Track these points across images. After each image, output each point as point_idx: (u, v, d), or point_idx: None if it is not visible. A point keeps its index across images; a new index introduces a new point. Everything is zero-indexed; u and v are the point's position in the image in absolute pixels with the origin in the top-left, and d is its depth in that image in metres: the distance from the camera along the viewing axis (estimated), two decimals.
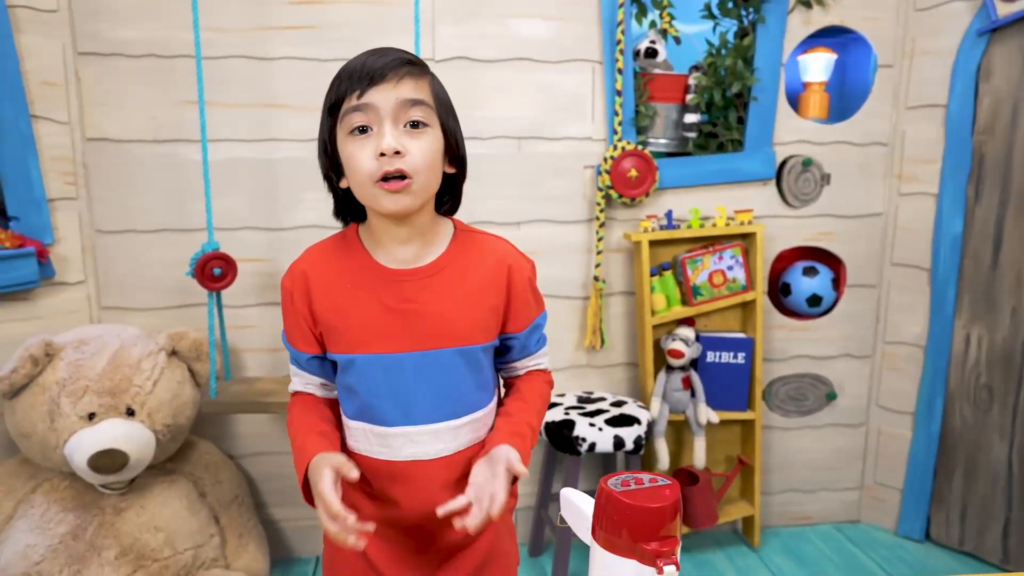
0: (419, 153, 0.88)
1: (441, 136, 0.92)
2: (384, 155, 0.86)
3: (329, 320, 0.95)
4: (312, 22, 1.80)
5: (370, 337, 0.93)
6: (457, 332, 0.94)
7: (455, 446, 0.97)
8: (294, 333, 0.99)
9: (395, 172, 0.86)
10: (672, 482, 0.57)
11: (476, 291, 0.96)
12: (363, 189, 0.89)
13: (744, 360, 2.00)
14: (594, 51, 1.93)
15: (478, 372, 0.98)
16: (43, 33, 1.71)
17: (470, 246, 0.99)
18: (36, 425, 1.54)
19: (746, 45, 1.96)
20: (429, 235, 0.96)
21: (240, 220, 1.86)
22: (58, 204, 1.76)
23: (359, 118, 0.87)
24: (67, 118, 1.76)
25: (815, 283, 2.09)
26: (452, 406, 0.96)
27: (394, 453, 0.96)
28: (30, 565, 1.49)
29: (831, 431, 2.22)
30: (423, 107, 0.89)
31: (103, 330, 1.68)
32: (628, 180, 1.92)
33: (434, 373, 0.94)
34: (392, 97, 0.86)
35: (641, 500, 0.54)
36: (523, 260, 1.02)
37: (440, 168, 0.93)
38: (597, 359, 2.08)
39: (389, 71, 0.87)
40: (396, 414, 0.94)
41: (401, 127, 0.87)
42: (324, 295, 0.95)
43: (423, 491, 0.96)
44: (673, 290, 1.99)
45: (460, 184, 1.00)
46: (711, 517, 2.01)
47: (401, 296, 0.93)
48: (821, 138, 2.06)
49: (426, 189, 0.91)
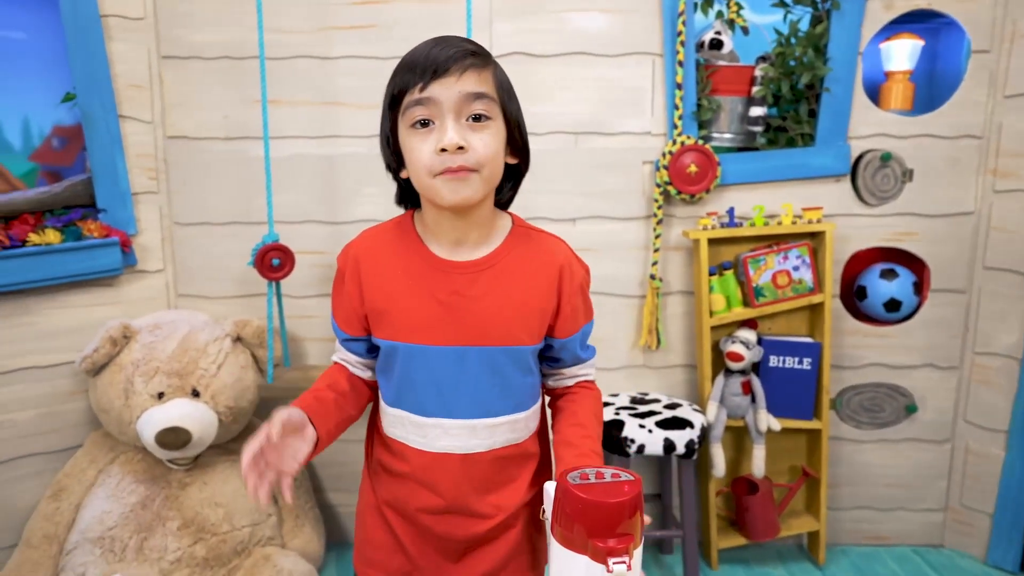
0: (482, 147, 0.87)
1: (504, 128, 0.91)
2: (445, 151, 0.85)
3: (377, 304, 0.95)
4: (371, 21, 1.85)
5: (415, 326, 0.93)
6: (503, 331, 0.93)
7: (490, 444, 0.96)
8: (340, 313, 1.00)
9: (457, 168, 0.85)
10: (635, 478, 0.55)
11: (527, 291, 0.94)
12: (423, 182, 0.89)
13: (810, 366, 1.90)
14: (654, 44, 1.88)
15: (522, 374, 0.97)
16: (131, 39, 1.84)
17: (526, 243, 0.97)
18: (113, 401, 1.66)
19: (818, 33, 1.85)
20: (486, 229, 0.95)
21: (303, 214, 1.93)
22: (141, 197, 1.89)
23: (421, 112, 0.86)
24: (151, 118, 1.89)
25: (894, 287, 1.95)
26: (491, 404, 0.95)
27: (429, 443, 0.95)
28: (104, 529, 1.61)
29: (911, 446, 2.06)
30: (486, 100, 0.87)
31: (176, 316, 1.80)
32: (687, 176, 1.86)
33: (476, 370, 0.93)
34: (455, 91, 0.85)
35: (596, 495, 0.52)
36: (578, 264, 1.00)
37: (502, 160, 0.92)
38: (654, 360, 2.03)
39: (452, 64, 0.85)
40: (434, 405, 0.94)
41: (464, 121, 0.86)
42: (374, 278, 0.95)
43: (453, 484, 0.96)
44: (734, 290, 1.90)
45: (522, 175, 0.99)
46: (771, 529, 1.92)
47: (451, 288, 0.93)
48: (903, 131, 1.92)
49: (489, 182, 0.90)
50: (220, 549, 1.66)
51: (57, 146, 1.94)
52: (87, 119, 1.79)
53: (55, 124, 1.91)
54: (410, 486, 0.98)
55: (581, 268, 1.00)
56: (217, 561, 1.65)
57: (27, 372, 1.75)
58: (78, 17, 1.75)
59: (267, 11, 1.74)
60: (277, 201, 1.83)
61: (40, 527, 1.68)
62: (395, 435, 0.99)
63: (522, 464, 1.01)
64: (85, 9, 1.75)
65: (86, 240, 1.76)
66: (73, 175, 1.86)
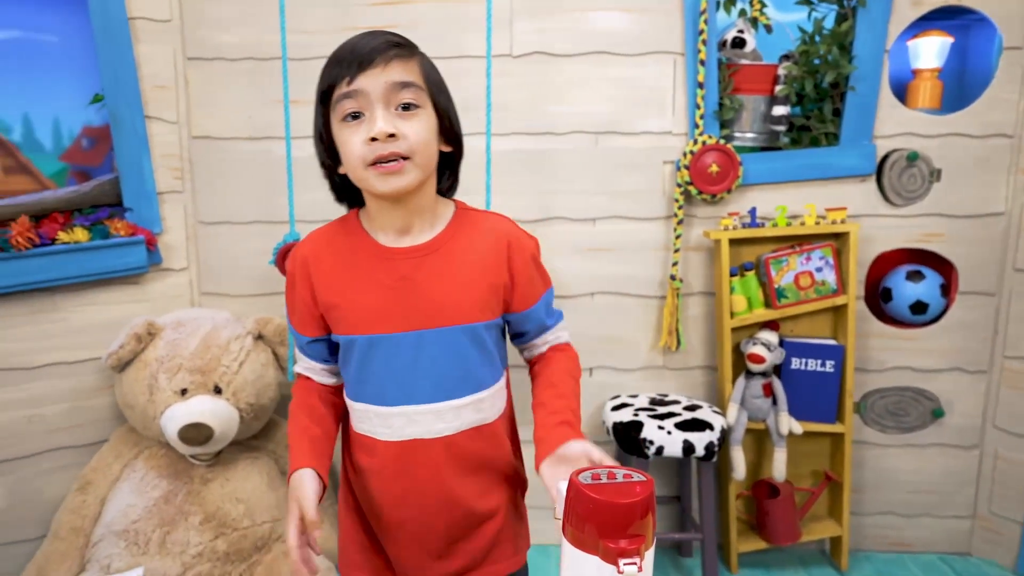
0: (413, 134, 0.88)
1: (434, 116, 0.92)
2: (376, 140, 0.86)
3: (329, 301, 0.96)
4: (393, 21, 1.86)
5: (369, 317, 0.94)
6: (456, 310, 0.94)
7: (457, 425, 0.96)
8: (296, 316, 1.01)
9: (389, 155, 0.87)
10: (647, 479, 0.54)
11: (475, 269, 0.96)
12: (357, 173, 0.90)
13: (833, 369, 1.87)
14: (676, 43, 1.86)
15: (481, 351, 0.97)
16: (157, 41, 1.87)
17: (470, 225, 0.99)
18: (138, 397, 1.69)
19: (844, 31, 1.82)
20: (428, 215, 0.97)
21: (325, 213, 1.93)
22: (166, 197, 1.92)
23: (350, 104, 0.88)
24: (176, 118, 1.92)
25: (920, 288, 1.91)
26: (453, 385, 0.95)
27: (395, 433, 0.96)
28: (128, 523, 1.64)
29: (937, 451, 2.02)
30: (413, 89, 0.89)
31: (199, 313, 1.83)
32: (709, 176, 1.84)
33: (434, 352, 0.94)
34: (381, 81, 0.87)
35: (608, 495, 0.52)
36: (525, 237, 1.01)
37: (435, 147, 0.93)
38: (674, 361, 2.02)
39: (377, 55, 0.87)
40: (396, 394, 0.95)
41: (393, 110, 0.88)
42: (324, 277, 0.97)
43: (425, 471, 0.96)
44: (755, 291, 1.88)
45: (457, 162, 1.01)
46: (792, 534, 1.89)
47: (398, 274, 0.94)
48: (931, 130, 1.88)
49: (423, 168, 0.91)
50: (241, 544, 1.68)
51: (87, 146, 1.98)
52: (114, 120, 1.82)
53: (85, 125, 1.95)
54: (384, 481, 0.98)
55: (530, 240, 1.01)
56: (237, 556, 1.66)
57: (55, 367, 1.79)
58: (107, 19, 1.78)
59: (290, 12, 1.76)
60: (299, 200, 1.84)
61: (67, 519, 1.71)
62: (363, 430, 0.99)
63: (494, 447, 1.01)
64: (114, 12, 1.78)
65: (113, 239, 1.79)
66: (101, 175, 1.90)
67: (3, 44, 1.81)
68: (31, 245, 1.68)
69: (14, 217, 1.70)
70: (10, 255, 1.67)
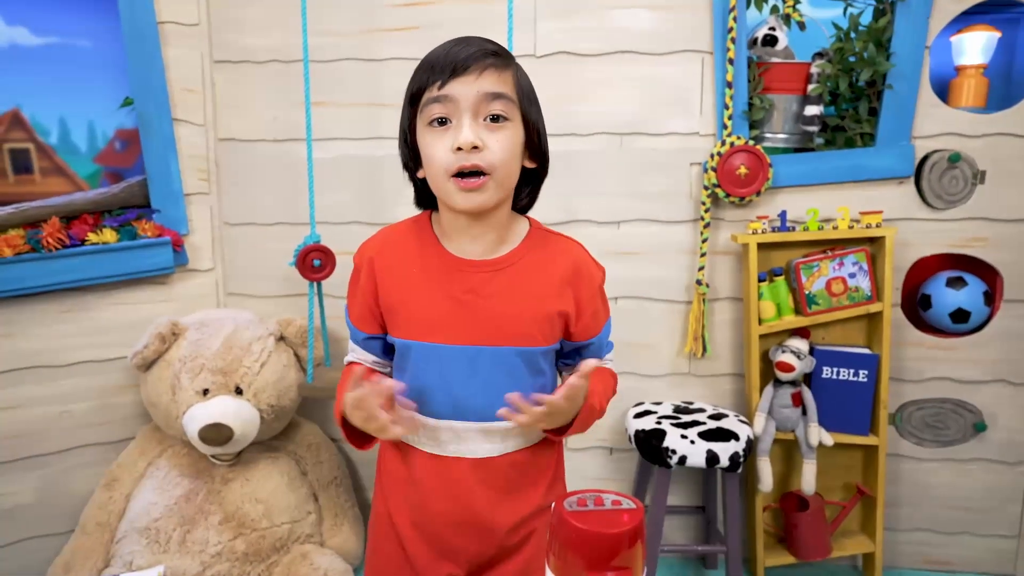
0: (498, 148, 0.86)
1: (522, 130, 0.90)
2: (461, 149, 0.84)
3: (391, 303, 0.95)
4: (416, 22, 1.85)
5: (429, 325, 0.92)
6: (517, 331, 0.92)
7: (502, 448, 0.94)
8: (356, 311, 1.00)
9: (471, 167, 0.85)
10: (636, 506, 0.51)
11: (543, 291, 0.93)
12: (438, 182, 0.88)
13: (867, 378, 1.79)
14: (704, 41, 1.81)
15: (535, 376, 0.95)
16: (186, 45, 1.89)
17: (542, 245, 0.96)
18: (161, 396, 1.71)
19: (881, 27, 1.75)
20: (503, 231, 0.94)
21: (347, 215, 1.95)
22: (193, 198, 1.94)
23: (438, 109, 0.86)
24: (203, 120, 1.94)
25: (962, 296, 1.82)
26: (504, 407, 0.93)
27: (440, 448, 0.95)
28: (150, 521, 1.66)
29: (979, 467, 1.93)
30: (505, 100, 0.86)
31: (222, 314, 1.84)
32: (737, 178, 1.79)
33: (490, 370, 0.92)
34: (473, 90, 0.84)
35: (594, 524, 0.49)
36: (594, 266, 0.98)
37: (519, 163, 0.91)
38: (700, 368, 1.96)
39: (472, 62, 0.84)
40: (446, 407, 0.93)
41: (481, 120, 0.85)
42: (389, 277, 0.95)
43: (466, 491, 0.94)
44: (785, 298, 1.82)
45: (540, 180, 0.98)
46: (822, 549, 1.83)
47: (466, 286, 0.92)
48: (975, 130, 1.79)
49: (503, 185, 0.89)
50: (259, 545, 1.69)
51: (119, 148, 2.02)
52: (143, 122, 1.85)
53: (117, 127, 1.98)
54: (421, 494, 0.97)
55: (598, 270, 0.99)
56: (256, 556, 1.67)
57: (85, 365, 1.83)
58: (136, 24, 1.81)
59: (315, 15, 1.77)
60: (323, 202, 1.85)
61: (94, 515, 1.75)
62: (407, 440, 0.98)
63: (537, 472, 0.98)
64: (143, 16, 1.81)
65: (140, 240, 1.82)
66: (133, 176, 1.93)
67: (42, 50, 1.86)
68: (61, 246, 1.72)
69: (46, 218, 1.74)
70: (41, 256, 1.71)
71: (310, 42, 1.74)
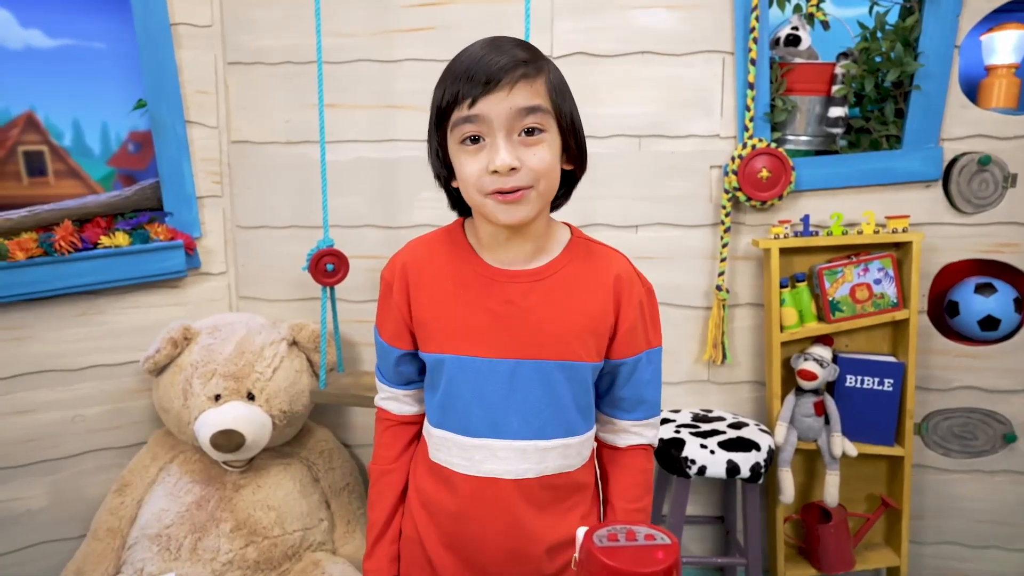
0: (537, 162, 0.82)
1: (559, 138, 0.85)
2: (497, 172, 0.81)
3: (424, 316, 0.91)
4: (430, 23, 1.82)
5: (464, 337, 0.89)
6: (558, 345, 0.88)
7: (540, 469, 0.90)
8: (387, 326, 0.96)
9: (509, 190, 0.81)
10: (671, 542, 0.48)
11: (585, 304, 0.89)
12: (474, 200, 0.85)
13: (892, 387, 1.74)
14: (725, 41, 1.77)
15: (576, 392, 0.90)
16: (199, 47, 1.88)
17: (584, 255, 0.92)
18: (173, 401, 1.70)
19: (908, 26, 1.70)
20: (542, 240, 0.91)
21: (360, 218, 1.93)
22: (205, 201, 1.93)
23: (470, 129, 0.81)
24: (216, 123, 1.93)
25: (991, 303, 1.77)
26: (543, 425, 0.89)
27: (475, 467, 0.90)
28: (162, 527, 1.65)
29: (1008, 479, 1.87)
30: (540, 113, 0.82)
31: (234, 318, 1.82)
32: (759, 181, 1.75)
33: (528, 385, 0.88)
34: (506, 107, 0.80)
35: (624, 562, 0.46)
36: (638, 280, 0.94)
37: (558, 173, 0.87)
38: (719, 375, 1.92)
39: (503, 75, 0.79)
40: (482, 425, 0.89)
41: (516, 136, 0.81)
42: (423, 289, 0.92)
43: (501, 513, 0.90)
44: (807, 304, 1.77)
45: (577, 179, 0.94)
46: (845, 562, 1.78)
47: (504, 297, 0.88)
48: (1006, 132, 1.74)
49: (544, 196, 0.85)
50: (271, 552, 1.66)
51: (133, 151, 2.01)
52: (156, 125, 1.84)
53: (131, 130, 1.97)
54: (454, 516, 0.93)
55: (644, 284, 0.94)
56: (268, 564, 1.65)
57: (98, 369, 1.82)
58: (149, 25, 1.79)
59: (328, 16, 1.75)
60: (336, 205, 1.83)
61: (105, 520, 1.73)
62: (440, 459, 0.94)
63: (575, 495, 0.94)
64: (156, 18, 1.80)
65: (153, 243, 1.81)
66: (146, 179, 1.92)
67: (56, 52, 1.85)
68: (74, 249, 1.71)
69: (58, 222, 1.73)
70: (54, 259, 1.70)
71: (324, 43, 1.72)
